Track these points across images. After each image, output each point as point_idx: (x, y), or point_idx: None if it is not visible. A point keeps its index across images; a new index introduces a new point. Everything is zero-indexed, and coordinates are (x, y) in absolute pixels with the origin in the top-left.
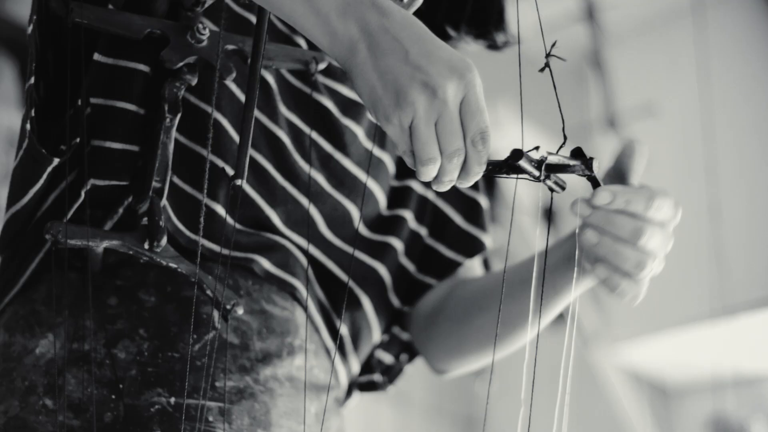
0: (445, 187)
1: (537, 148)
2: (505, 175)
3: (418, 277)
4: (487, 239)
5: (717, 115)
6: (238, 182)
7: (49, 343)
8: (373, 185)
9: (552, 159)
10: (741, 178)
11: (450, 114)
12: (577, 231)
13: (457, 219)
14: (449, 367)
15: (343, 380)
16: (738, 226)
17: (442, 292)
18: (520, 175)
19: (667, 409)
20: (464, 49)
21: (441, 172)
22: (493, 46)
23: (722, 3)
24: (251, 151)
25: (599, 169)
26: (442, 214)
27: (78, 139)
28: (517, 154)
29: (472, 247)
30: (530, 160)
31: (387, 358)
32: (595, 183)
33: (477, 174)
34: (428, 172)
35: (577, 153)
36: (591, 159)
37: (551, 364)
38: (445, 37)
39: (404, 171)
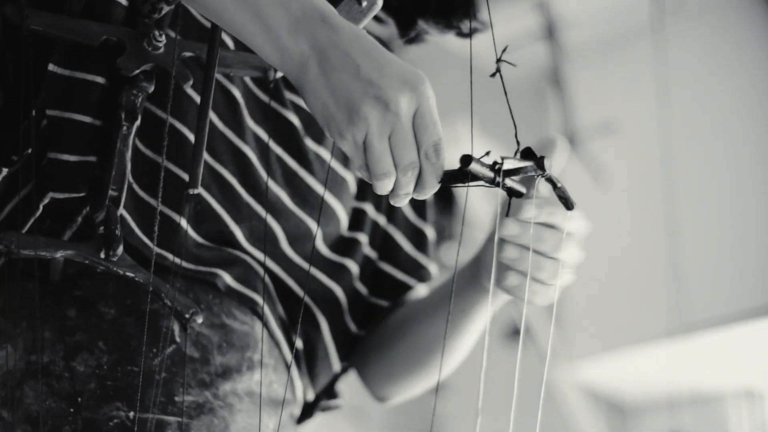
0: (402, 202)
1: (488, 153)
2: (461, 185)
3: (371, 300)
4: (432, 267)
5: (676, 133)
6: (193, 191)
7: (7, 355)
8: (336, 205)
9: (505, 163)
10: (699, 197)
11: (403, 127)
12: (496, 247)
13: (406, 246)
14: (387, 393)
15: (300, 395)
16: (696, 245)
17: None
18: (475, 183)
19: (624, 427)
20: (428, 41)
21: (396, 186)
22: (461, 33)
23: (681, 22)
24: (217, 166)
25: (551, 167)
26: (392, 240)
27: (30, 150)
28: (466, 159)
29: (420, 273)
30: (482, 165)
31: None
32: (550, 182)
33: (433, 186)
34: (383, 187)
35: (527, 153)
36: (542, 157)
37: (509, 381)
38: (413, 28)
39: (362, 193)
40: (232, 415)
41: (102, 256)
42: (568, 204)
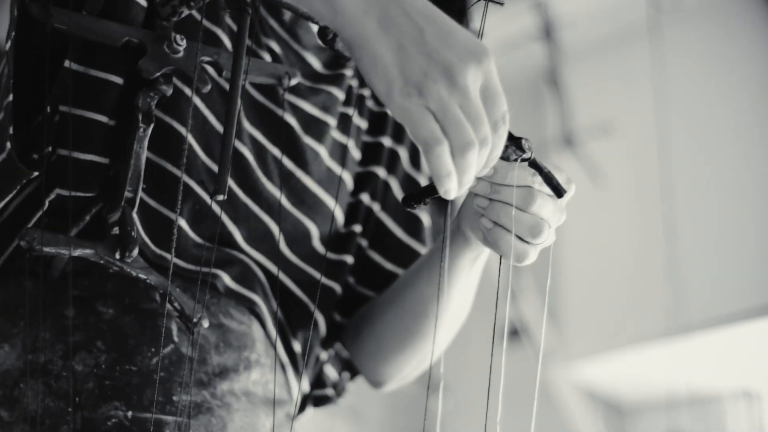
0: (461, 189)
1: None
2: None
3: (357, 289)
4: (425, 252)
5: (673, 134)
6: (219, 198)
7: (5, 354)
8: (332, 204)
9: None
10: (696, 197)
11: (472, 101)
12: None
13: (398, 232)
14: (382, 374)
15: (296, 396)
16: (693, 245)
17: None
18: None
19: (621, 427)
20: None
21: (467, 165)
22: None
23: (678, 23)
24: (215, 167)
25: (532, 150)
26: (384, 227)
27: (50, 148)
28: None
29: (411, 259)
30: None
31: (332, 374)
32: (535, 166)
33: (494, 159)
34: (469, 161)
35: (508, 136)
36: (521, 139)
37: (507, 380)
38: None
39: (359, 186)
40: (230, 415)
41: (117, 256)
42: (558, 191)
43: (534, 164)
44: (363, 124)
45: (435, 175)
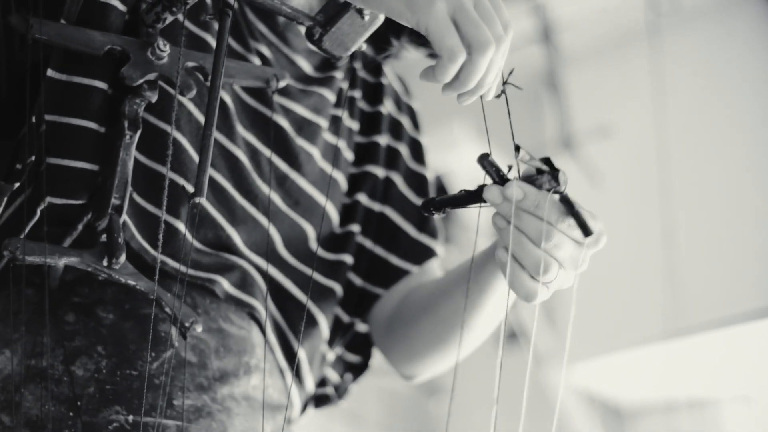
0: (492, 92)
1: (510, 168)
2: (476, 205)
3: (366, 288)
4: (438, 246)
5: (671, 137)
6: (198, 200)
7: (6, 359)
8: (328, 205)
9: (521, 166)
10: (695, 200)
11: (484, 2)
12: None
13: (409, 229)
14: (413, 371)
15: (296, 401)
16: (692, 248)
17: (399, 298)
18: (487, 204)
19: (620, 430)
20: (405, 57)
21: (492, 64)
22: (434, 54)
23: (677, 25)
24: (211, 171)
25: (566, 184)
26: (389, 222)
27: (33, 158)
28: (484, 156)
29: (423, 254)
30: (495, 168)
31: (333, 376)
32: (566, 202)
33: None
34: (485, 58)
35: (547, 161)
36: (559, 170)
37: (506, 383)
38: (387, 45)
39: (354, 187)
40: (230, 419)
41: (105, 264)
42: (585, 229)
43: (565, 199)
44: (354, 125)
45: (453, 78)
